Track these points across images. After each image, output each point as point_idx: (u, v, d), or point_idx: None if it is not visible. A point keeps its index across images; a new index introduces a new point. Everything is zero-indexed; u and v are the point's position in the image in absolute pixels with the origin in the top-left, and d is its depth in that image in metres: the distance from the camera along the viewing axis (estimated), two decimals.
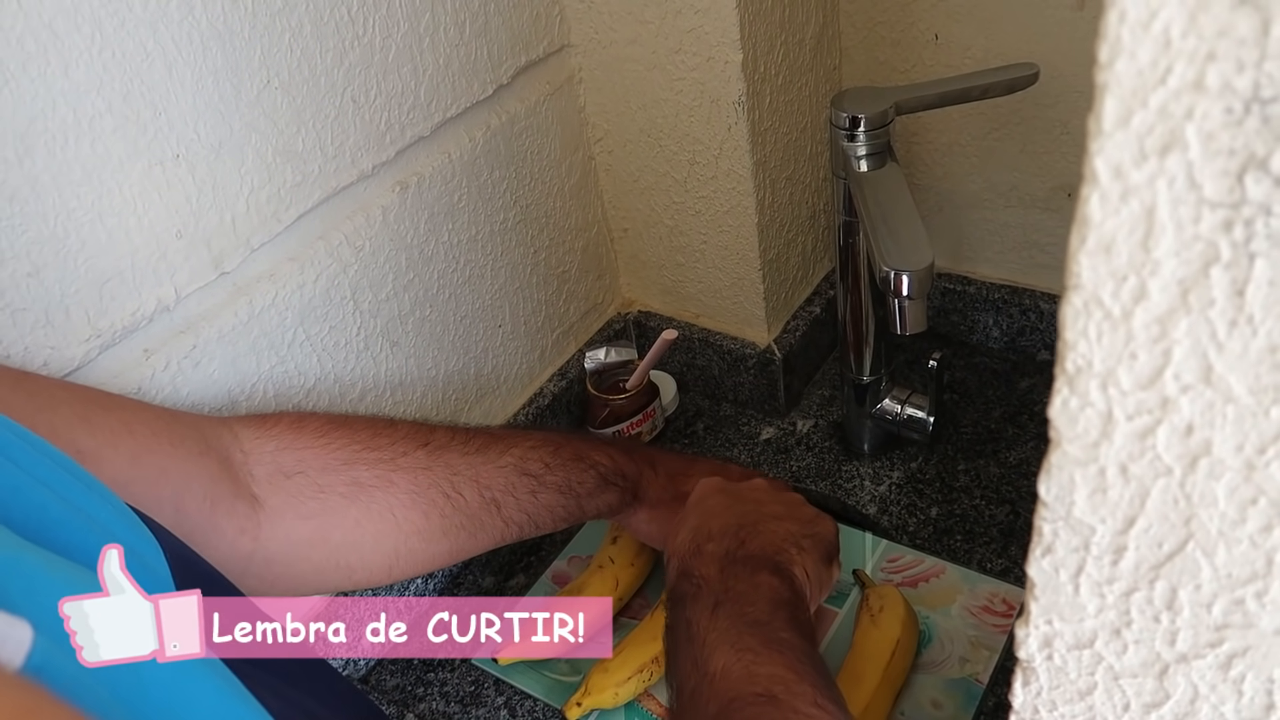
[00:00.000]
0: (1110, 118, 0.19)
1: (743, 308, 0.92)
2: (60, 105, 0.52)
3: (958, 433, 0.89)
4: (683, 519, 0.67)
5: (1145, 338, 0.21)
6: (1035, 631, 0.29)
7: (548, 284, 0.90)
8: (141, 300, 0.59)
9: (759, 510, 0.65)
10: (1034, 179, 0.87)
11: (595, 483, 0.69)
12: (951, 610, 0.75)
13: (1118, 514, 0.25)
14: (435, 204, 0.76)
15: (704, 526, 0.64)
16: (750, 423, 0.95)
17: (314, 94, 0.65)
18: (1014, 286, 0.92)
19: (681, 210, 0.89)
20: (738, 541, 0.61)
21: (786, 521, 0.65)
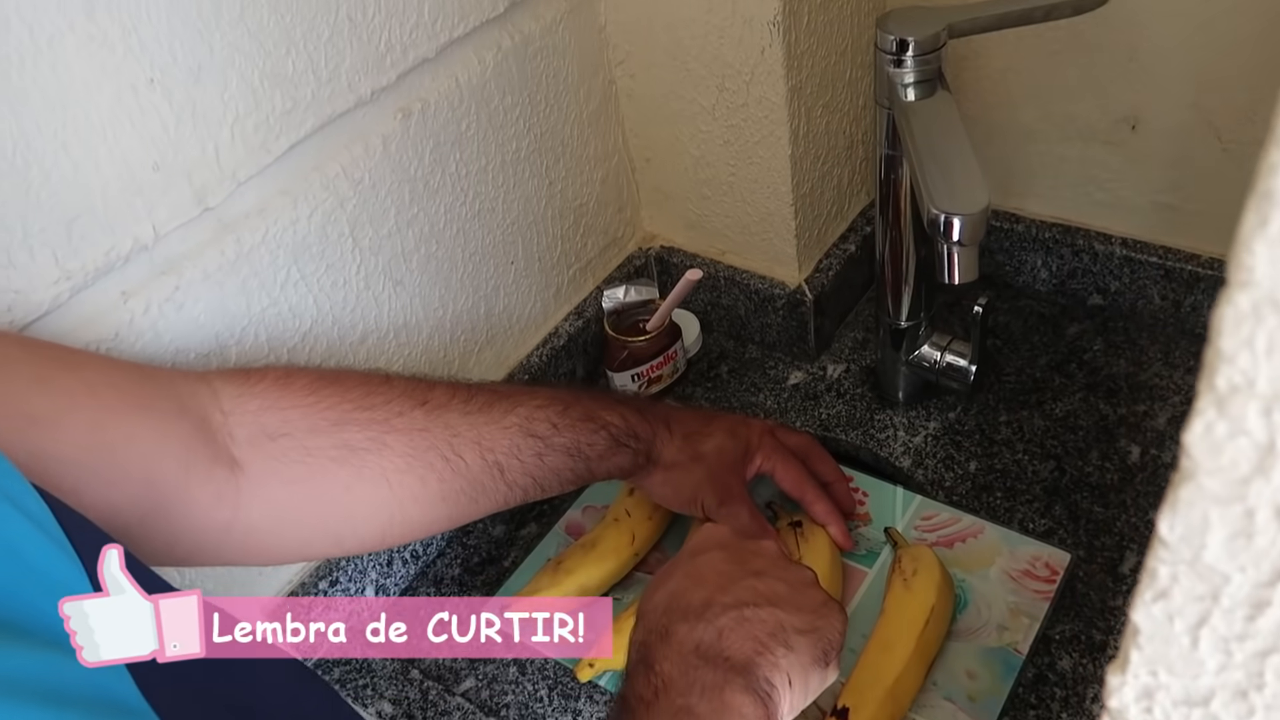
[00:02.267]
0: None
1: (772, 244, 0.86)
2: (14, 23, 0.47)
3: (1000, 382, 0.84)
4: (667, 573, 0.55)
5: None
6: (1134, 680, 0.24)
7: (564, 218, 0.84)
8: (116, 239, 0.54)
9: (754, 589, 0.52)
10: (1095, 110, 0.79)
11: (606, 445, 0.64)
12: (990, 573, 0.71)
13: (1263, 564, 0.19)
14: (441, 132, 0.70)
15: (684, 597, 0.52)
16: (777, 366, 0.90)
17: (305, 11, 0.59)
18: (1067, 225, 0.86)
19: (709, 139, 0.82)
20: (715, 633, 0.49)
21: (784, 608, 0.52)
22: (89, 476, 0.41)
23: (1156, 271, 0.82)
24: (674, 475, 0.68)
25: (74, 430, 0.40)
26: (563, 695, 0.69)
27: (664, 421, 0.69)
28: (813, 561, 0.70)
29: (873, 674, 0.63)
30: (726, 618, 0.50)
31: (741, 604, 0.51)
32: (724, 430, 0.71)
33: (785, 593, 0.53)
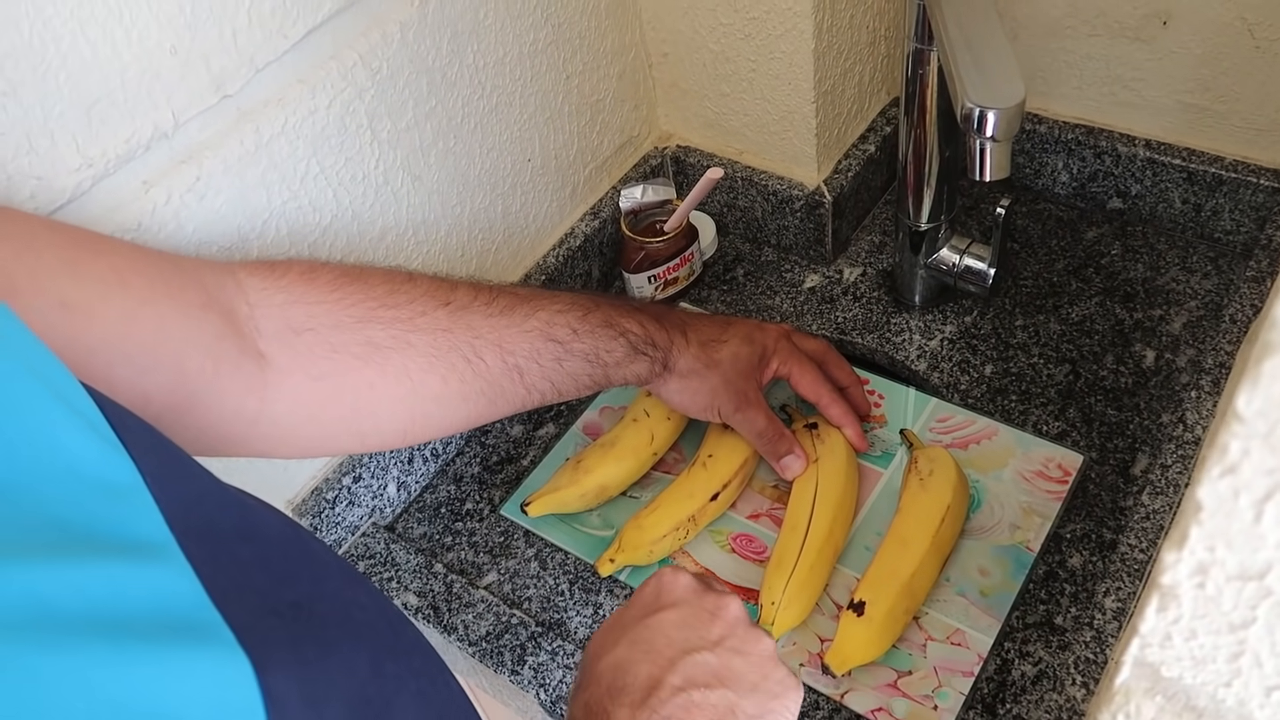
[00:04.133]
0: None
1: (791, 144, 0.84)
2: None
3: (1017, 285, 0.83)
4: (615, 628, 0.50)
5: None
6: (1190, 556, 0.24)
7: (580, 114, 0.83)
8: (136, 125, 0.53)
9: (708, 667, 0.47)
10: (1125, 4, 0.77)
11: (624, 352, 0.64)
12: (1003, 474, 0.72)
13: None
14: (459, 21, 0.68)
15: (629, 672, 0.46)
16: (794, 269, 0.89)
17: None
18: (1090, 126, 0.84)
19: (729, 33, 0.80)
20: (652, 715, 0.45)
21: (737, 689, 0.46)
22: (121, 366, 0.41)
23: (1179, 174, 0.81)
24: (690, 383, 0.69)
25: (106, 318, 0.40)
26: (583, 589, 0.71)
27: (680, 329, 0.69)
28: (828, 461, 0.71)
29: (889, 569, 0.65)
30: (673, 704, 0.44)
31: (691, 686, 0.45)
32: (740, 336, 0.71)
33: (741, 669, 0.47)
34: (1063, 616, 0.65)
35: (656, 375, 0.68)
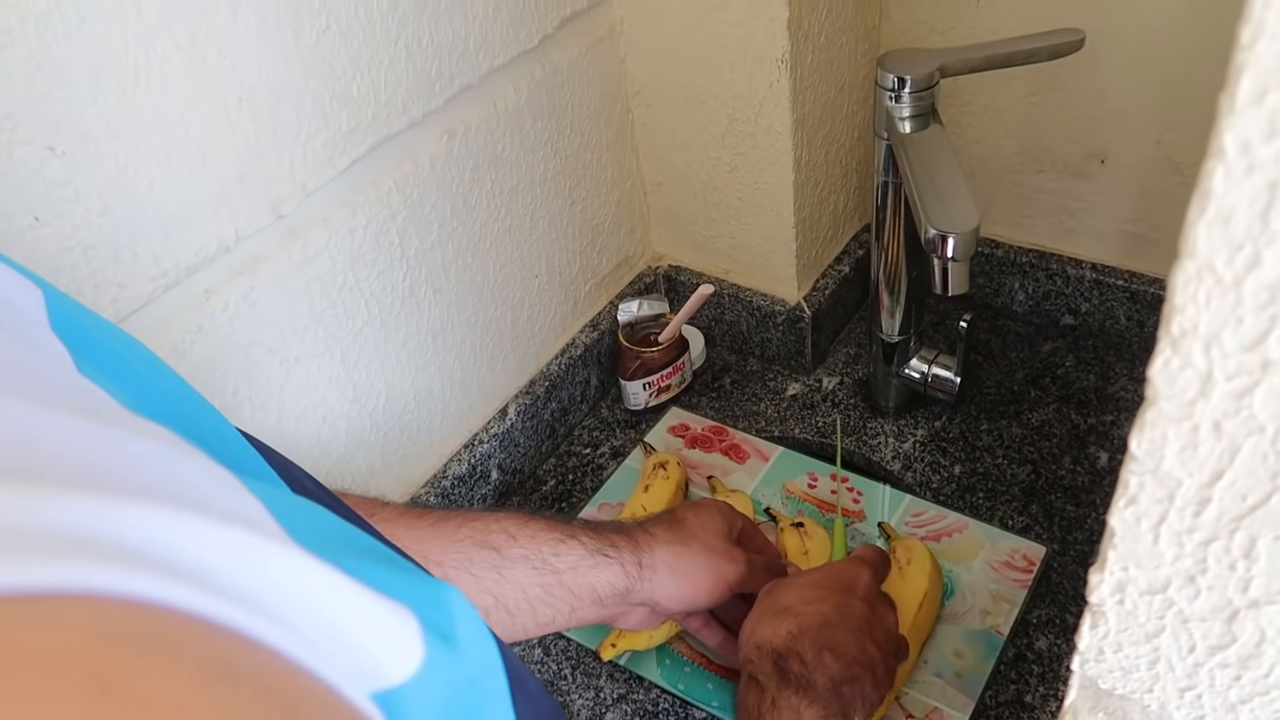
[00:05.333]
0: (1244, 96, 0.21)
1: (774, 264, 0.93)
2: (133, 46, 0.53)
3: (981, 394, 0.91)
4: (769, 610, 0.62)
5: (1254, 303, 0.23)
6: (1110, 577, 0.30)
7: (583, 236, 0.91)
8: (204, 241, 0.60)
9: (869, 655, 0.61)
10: (1069, 145, 0.87)
11: (580, 555, 0.60)
12: (974, 564, 0.78)
13: (1206, 468, 0.26)
14: (480, 153, 0.77)
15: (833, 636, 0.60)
16: (777, 378, 0.97)
17: (370, 40, 0.65)
18: (1042, 251, 0.94)
19: (717, 165, 0.90)
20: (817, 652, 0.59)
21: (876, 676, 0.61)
22: None
23: (1123, 294, 0.90)
24: (681, 568, 0.64)
25: None
26: (585, 674, 0.75)
27: (638, 527, 0.66)
28: (818, 556, 0.77)
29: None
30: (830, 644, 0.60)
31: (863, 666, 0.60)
32: (693, 511, 0.69)
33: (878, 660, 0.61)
34: (1032, 695, 0.70)
35: (635, 579, 0.62)
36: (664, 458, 0.86)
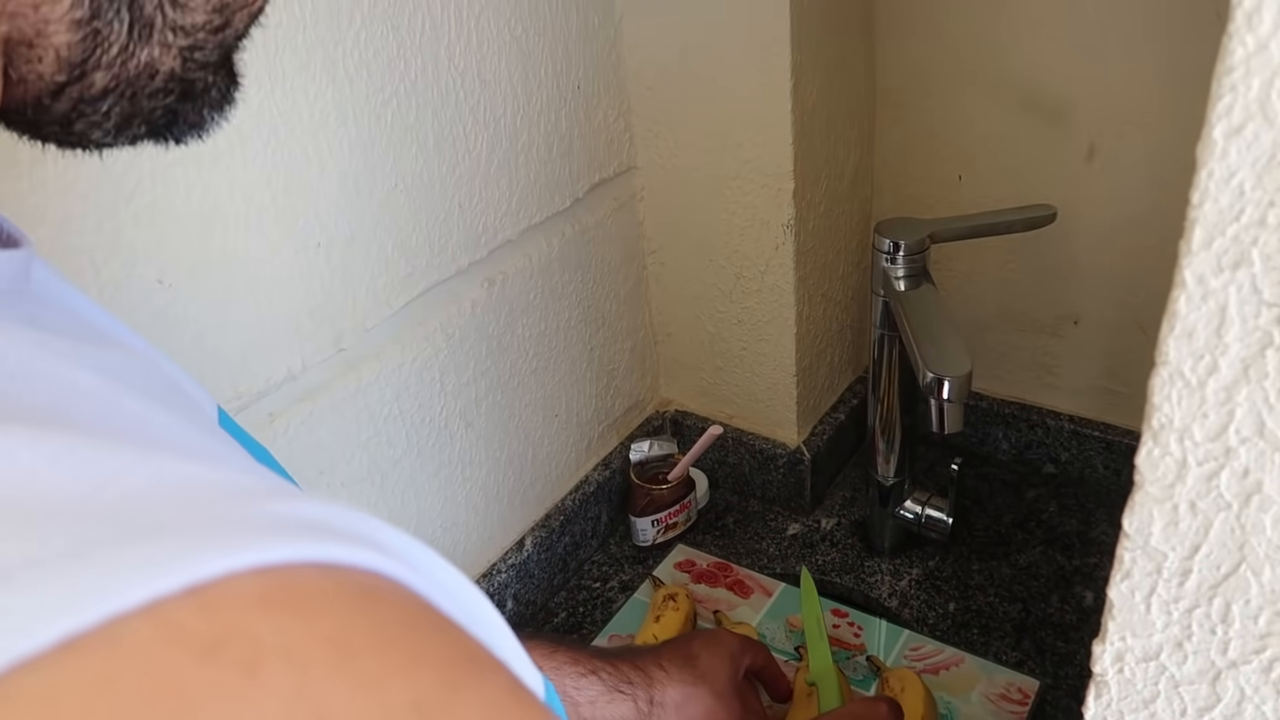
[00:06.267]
0: (1198, 242, 0.28)
1: (776, 411, 1.00)
2: (237, 195, 0.61)
3: (971, 536, 0.97)
4: None
5: (1215, 401, 0.29)
6: (1110, 648, 0.36)
7: (599, 380, 0.98)
8: (274, 369, 0.66)
9: None
10: (1044, 307, 0.96)
11: (599, 690, 0.63)
12: (972, 697, 0.81)
13: (1186, 542, 0.32)
14: (515, 300, 0.84)
15: None
16: (777, 519, 1.02)
17: (429, 197, 0.74)
18: (1023, 404, 1.01)
19: (724, 319, 0.98)
20: None
21: None
22: None
23: (1100, 444, 0.97)
24: (687, 711, 0.68)
25: None
26: None
27: (653, 662, 0.69)
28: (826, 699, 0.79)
29: None
30: None
31: None
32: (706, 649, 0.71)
33: None
34: None
35: (645, 716, 0.65)
36: (673, 590, 0.90)
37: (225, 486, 0.20)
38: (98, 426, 0.22)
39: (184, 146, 0.34)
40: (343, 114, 0.65)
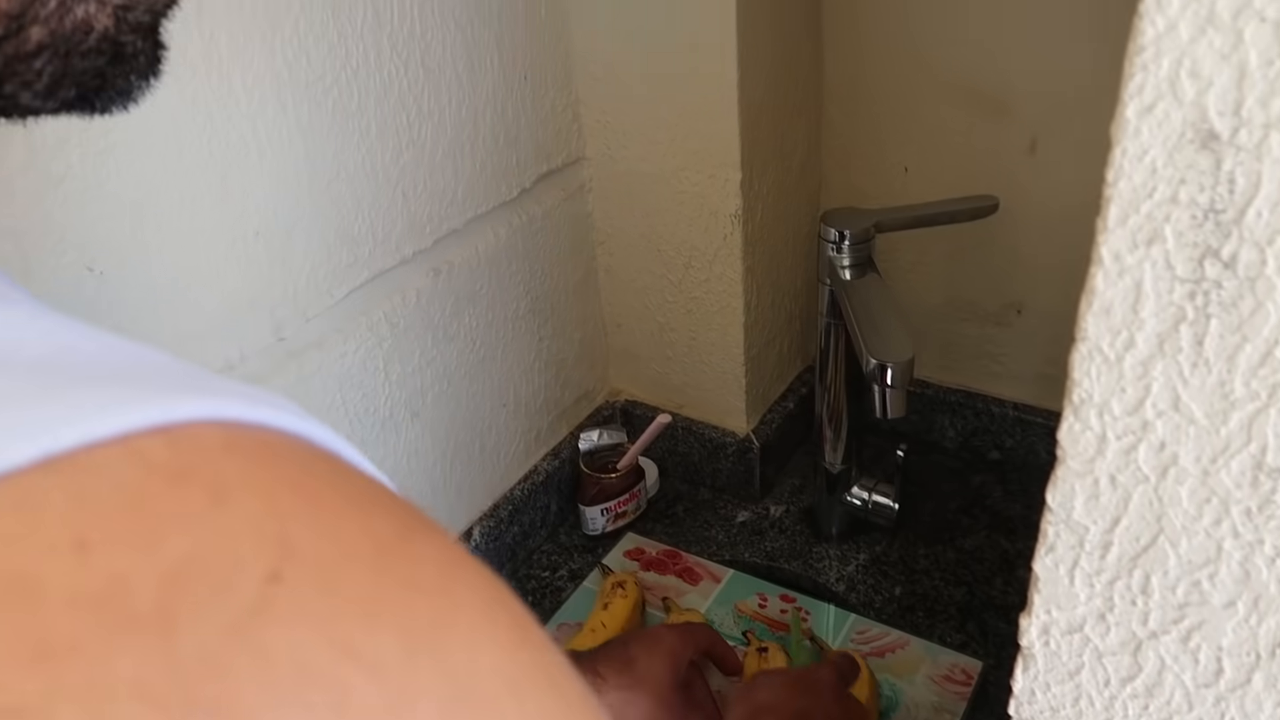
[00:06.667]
0: (1113, 219, 0.28)
1: (725, 400, 1.00)
2: (172, 183, 0.60)
3: (917, 521, 0.98)
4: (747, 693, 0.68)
5: (1132, 376, 0.30)
6: (1036, 621, 0.37)
7: (548, 370, 0.98)
8: (211, 359, 0.65)
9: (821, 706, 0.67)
10: (988, 296, 0.98)
11: None
12: (916, 678, 0.83)
13: (1106, 515, 0.33)
14: (461, 290, 0.84)
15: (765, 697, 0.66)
16: (727, 506, 1.02)
17: (372, 186, 0.73)
18: (968, 391, 1.03)
19: (673, 309, 0.98)
20: None
21: None
22: None
23: (1043, 430, 0.99)
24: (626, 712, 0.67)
25: None
26: None
27: (590, 669, 0.67)
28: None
29: None
30: None
31: None
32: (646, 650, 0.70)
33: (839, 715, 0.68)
34: None
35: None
36: (622, 577, 0.90)
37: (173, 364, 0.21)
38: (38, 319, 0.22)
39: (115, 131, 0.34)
40: (282, 101, 0.65)
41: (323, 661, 0.14)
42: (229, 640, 0.14)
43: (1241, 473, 0.30)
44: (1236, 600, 0.32)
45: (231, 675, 0.14)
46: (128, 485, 0.15)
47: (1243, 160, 0.26)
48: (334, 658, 0.15)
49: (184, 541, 0.15)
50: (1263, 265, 0.27)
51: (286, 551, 0.15)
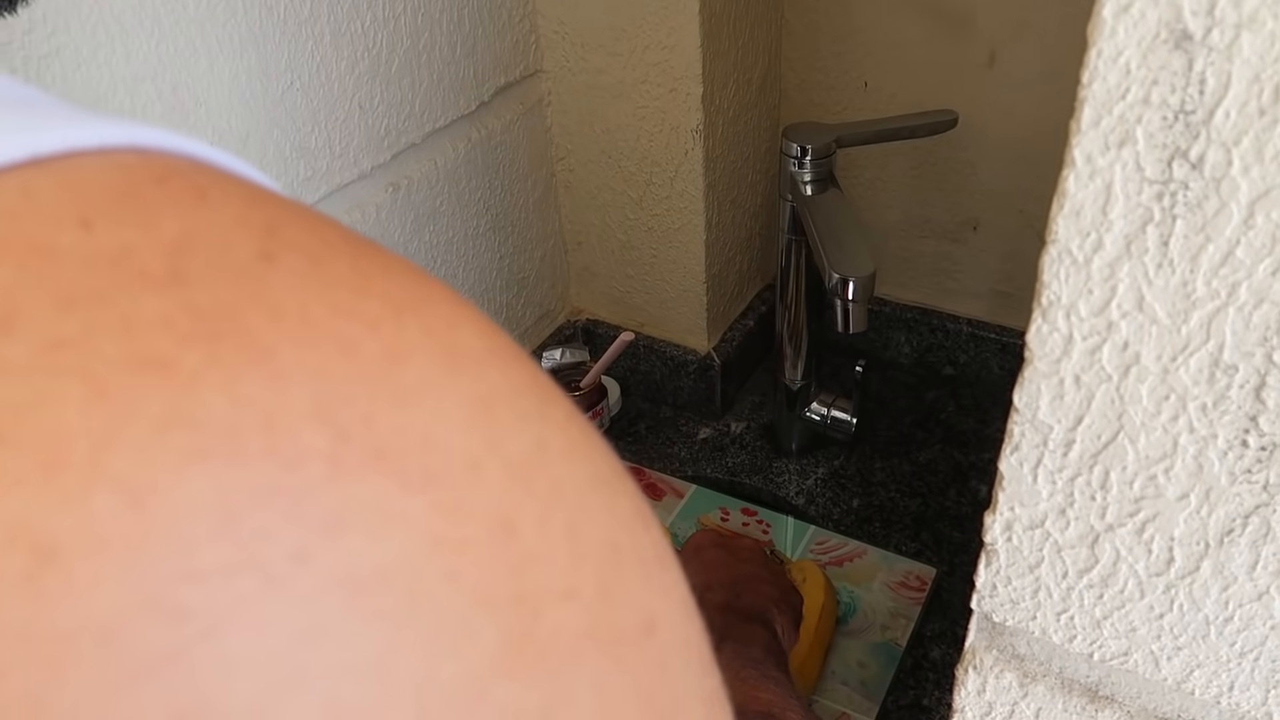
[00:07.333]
0: (1086, 121, 0.29)
1: (686, 318, 1.01)
2: (120, 90, 0.58)
3: (874, 436, 1.00)
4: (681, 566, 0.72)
5: (1099, 277, 0.31)
6: (1000, 518, 0.38)
7: (509, 289, 0.97)
8: None
9: (750, 570, 0.72)
10: (945, 214, 0.99)
11: None
12: (873, 586, 0.85)
13: (1070, 414, 0.34)
14: (420, 206, 0.83)
15: (703, 576, 0.71)
16: (689, 424, 1.04)
17: (328, 97, 0.71)
18: (924, 308, 1.04)
19: (635, 226, 0.98)
20: (734, 594, 0.69)
21: (769, 586, 0.72)
22: None
23: (995, 346, 1.01)
24: None
25: None
26: None
27: None
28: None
29: None
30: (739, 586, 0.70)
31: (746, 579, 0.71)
32: None
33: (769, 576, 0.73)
34: (929, 699, 0.77)
35: None
36: None
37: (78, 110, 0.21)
38: None
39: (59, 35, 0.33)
40: (231, 6, 0.62)
41: (324, 316, 0.16)
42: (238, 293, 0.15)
43: (1199, 370, 0.31)
44: (1189, 492, 0.33)
45: (247, 318, 0.15)
46: (116, 182, 0.16)
47: (1214, 60, 0.26)
48: (333, 314, 0.16)
49: (179, 223, 0.16)
50: (1228, 166, 0.27)
51: (274, 236, 0.16)
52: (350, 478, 0.15)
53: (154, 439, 0.13)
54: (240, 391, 0.14)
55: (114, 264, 0.15)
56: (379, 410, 0.15)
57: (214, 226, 0.16)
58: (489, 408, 0.17)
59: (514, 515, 0.16)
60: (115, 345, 0.14)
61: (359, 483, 0.15)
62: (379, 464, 0.15)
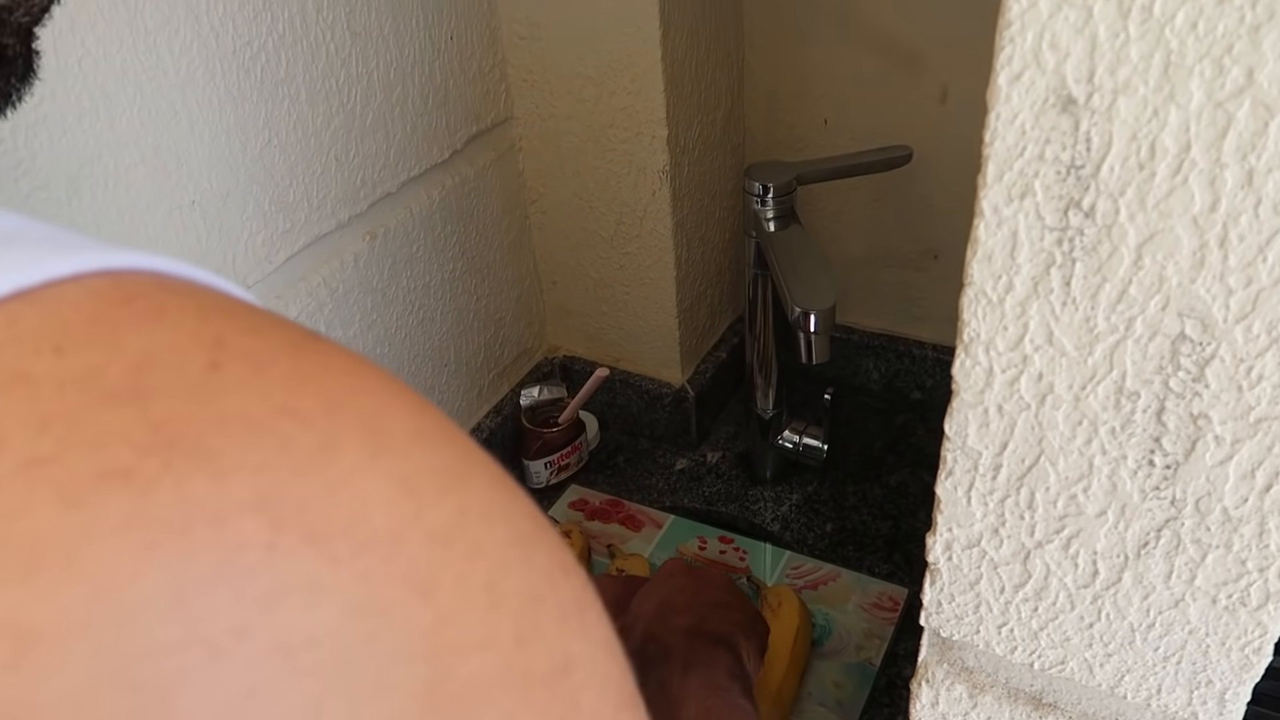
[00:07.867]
0: (991, 175, 0.32)
1: (660, 352, 1.04)
2: (104, 154, 0.60)
3: (846, 461, 1.03)
4: (649, 590, 0.73)
5: (1012, 315, 0.34)
6: (940, 539, 0.41)
7: (486, 329, 1.00)
8: None
9: (717, 596, 0.73)
10: (906, 244, 1.02)
11: None
12: (847, 608, 0.88)
13: (996, 441, 0.37)
14: (397, 253, 0.85)
15: (670, 601, 0.72)
16: (665, 455, 1.06)
17: (305, 152, 0.74)
18: (890, 335, 1.07)
19: (607, 265, 1.01)
20: (699, 618, 0.70)
21: (736, 612, 0.72)
22: None
23: None
24: None
25: None
26: None
27: None
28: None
29: (759, 684, 0.78)
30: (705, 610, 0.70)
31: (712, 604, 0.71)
32: None
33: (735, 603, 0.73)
34: (903, 716, 0.79)
35: None
36: (566, 527, 0.94)
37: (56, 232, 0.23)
38: None
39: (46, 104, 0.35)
40: (210, 69, 0.65)
41: (264, 416, 0.18)
42: (189, 404, 0.18)
43: (1106, 397, 0.34)
44: (1107, 509, 0.36)
45: (196, 426, 0.17)
46: (86, 308, 0.19)
47: (1096, 121, 0.29)
48: (273, 414, 0.18)
49: (139, 342, 0.18)
50: (1116, 214, 0.30)
51: (221, 348, 0.19)
52: (285, 559, 0.17)
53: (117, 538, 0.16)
54: (190, 492, 0.17)
55: (81, 386, 0.17)
56: (311, 496, 0.18)
57: (169, 344, 0.19)
58: (411, 484, 0.19)
59: (434, 577, 0.19)
60: (84, 460, 0.17)
61: (292, 562, 0.17)
62: (310, 545, 0.18)
